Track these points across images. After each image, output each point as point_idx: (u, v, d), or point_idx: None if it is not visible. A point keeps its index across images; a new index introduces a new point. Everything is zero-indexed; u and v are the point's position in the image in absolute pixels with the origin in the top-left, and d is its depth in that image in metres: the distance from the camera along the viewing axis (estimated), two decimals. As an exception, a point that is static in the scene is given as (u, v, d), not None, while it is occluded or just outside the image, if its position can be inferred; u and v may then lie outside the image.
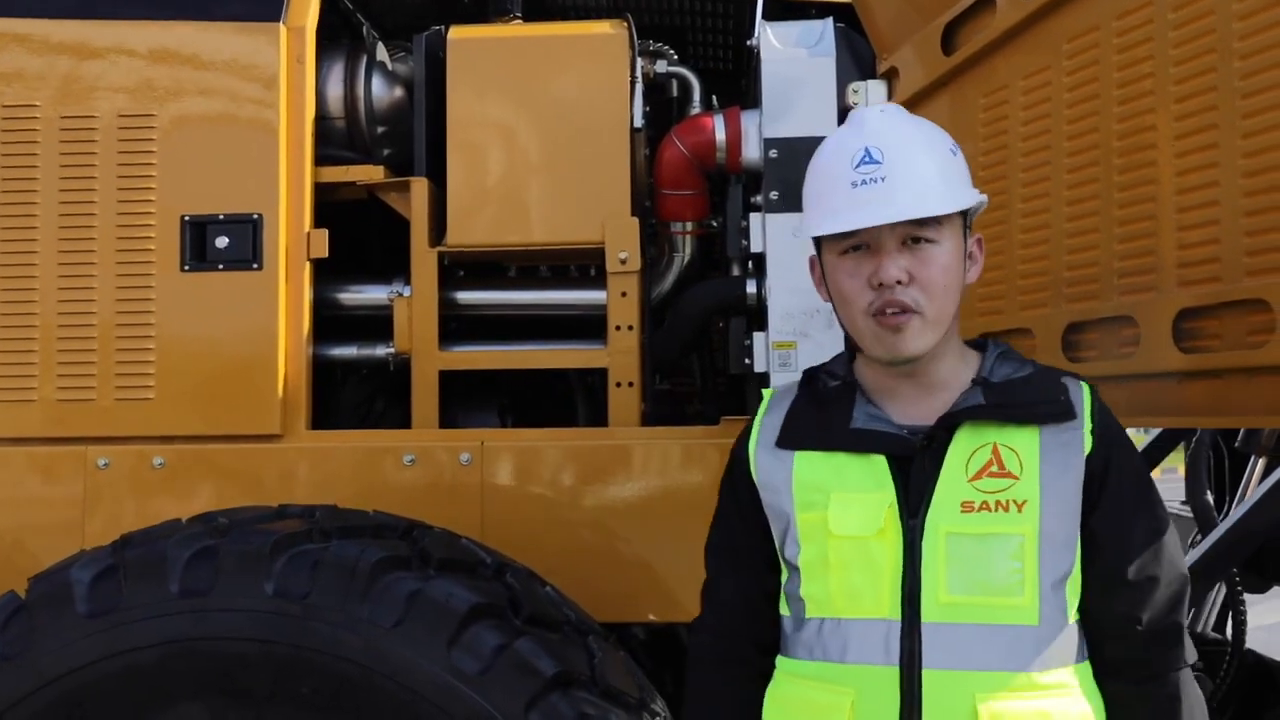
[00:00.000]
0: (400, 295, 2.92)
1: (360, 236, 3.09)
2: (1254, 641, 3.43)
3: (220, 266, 2.79)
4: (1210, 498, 3.37)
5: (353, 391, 3.14)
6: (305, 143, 2.86)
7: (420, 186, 2.89)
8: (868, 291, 1.65)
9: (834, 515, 1.63)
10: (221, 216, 2.80)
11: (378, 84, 3.02)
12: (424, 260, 2.88)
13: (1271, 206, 1.71)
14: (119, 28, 2.85)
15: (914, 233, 1.64)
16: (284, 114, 2.83)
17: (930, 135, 1.72)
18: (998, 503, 1.59)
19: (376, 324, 2.99)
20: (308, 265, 2.85)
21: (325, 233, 2.85)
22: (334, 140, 2.99)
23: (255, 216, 2.80)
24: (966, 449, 1.63)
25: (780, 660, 1.71)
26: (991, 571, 1.58)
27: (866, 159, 1.65)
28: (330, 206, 2.94)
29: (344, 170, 2.94)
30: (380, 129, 3.03)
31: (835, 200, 1.68)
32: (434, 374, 2.86)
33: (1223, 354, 1.78)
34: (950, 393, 1.68)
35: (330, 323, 2.96)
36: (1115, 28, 1.99)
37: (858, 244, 1.67)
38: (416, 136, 2.92)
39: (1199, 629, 3.43)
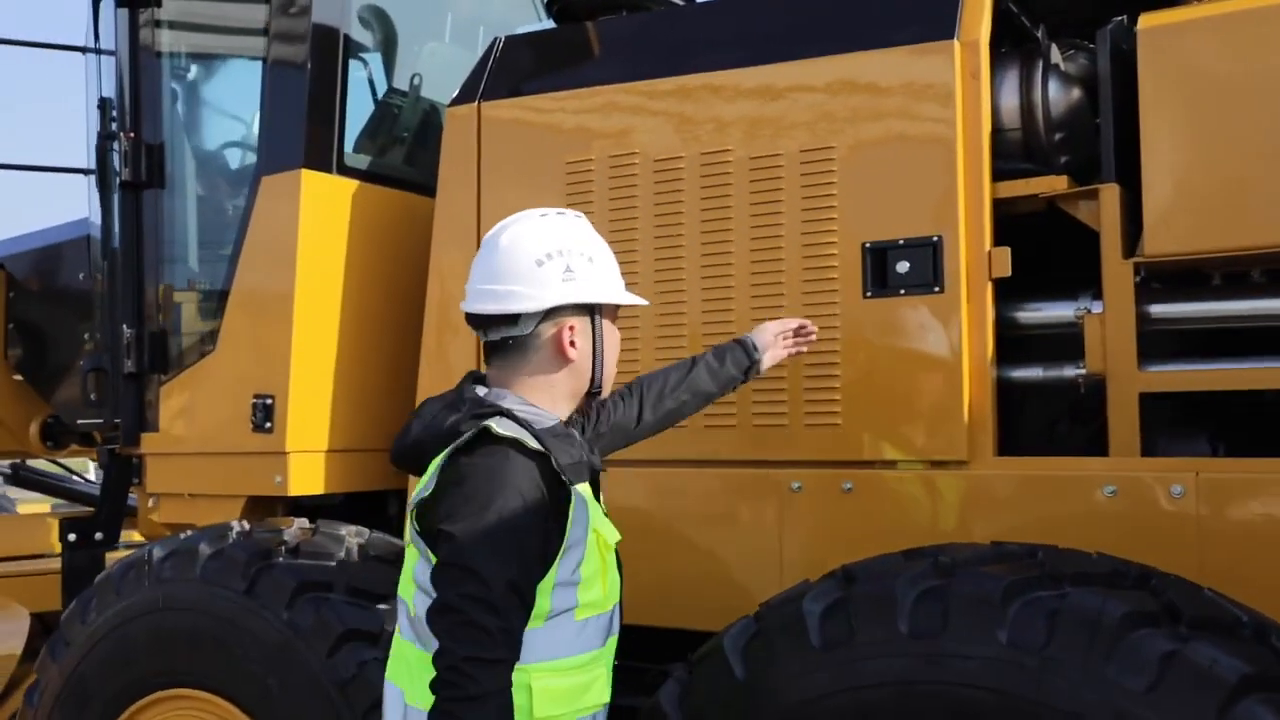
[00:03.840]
0: (1089, 312, 2.73)
1: (1033, 251, 2.94)
2: None
3: (902, 291, 2.78)
4: None
5: (1033, 414, 2.99)
6: (983, 158, 2.77)
7: (1110, 193, 2.68)
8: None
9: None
10: (901, 241, 2.79)
11: (1054, 88, 2.85)
12: (1117, 273, 2.66)
13: None
14: (798, 67, 2.95)
15: None
16: (961, 131, 2.77)
17: None
18: None
19: (1058, 343, 2.82)
20: (989, 285, 2.76)
21: (1007, 251, 2.73)
22: (1009, 152, 2.86)
23: (935, 239, 2.76)
24: None
25: None
26: None
27: None
28: (1002, 221, 2.82)
29: (1023, 183, 2.80)
30: (1058, 135, 2.85)
31: (619, 279, 2.23)
32: (1134, 396, 2.63)
33: None
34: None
35: (1007, 343, 2.84)
36: None
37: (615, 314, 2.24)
38: (1104, 139, 2.72)
39: None
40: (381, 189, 3.78)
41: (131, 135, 3.93)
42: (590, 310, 2.14)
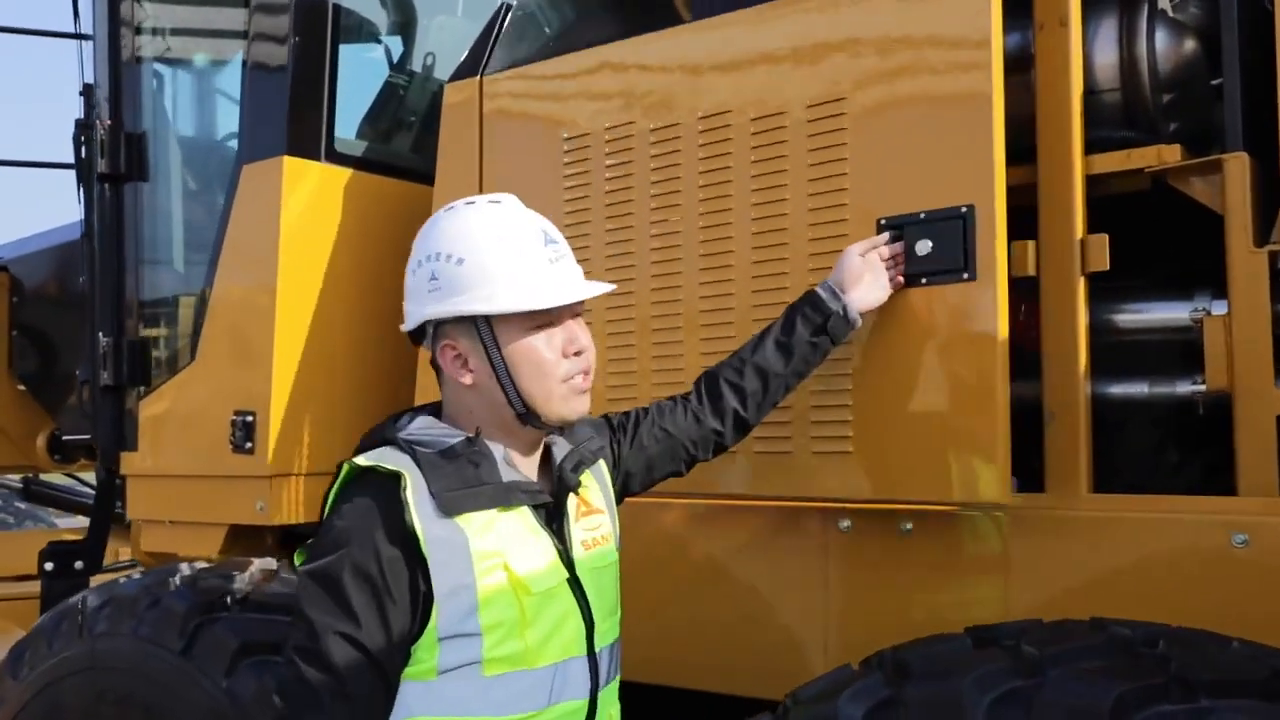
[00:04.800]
0: (1209, 313, 2.20)
1: (1133, 239, 2.40)
2: None
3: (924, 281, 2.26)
4: None
5: (1136, 441, 2.45)
6: (1072, 126, 2.25)
7: (1238, 165, 2.14)
8: (564, 361, 1.79)
9: None
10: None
11: (1162, 40, 2.32)
12: (1247, 264, 2.12)
13: None
14: (805, 6, 2.43)
15: (578, 308, 1.81)
16: (1043, 93, 2.25)
17: None
18: None
19: (1168, 352, 2.30)
20: (1082, 281, 2.23)
21: (1105, 239, 2.21)
22: (1106, 118, 2.34)
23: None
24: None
25: None
26: None
27: (550, 239, 1.80)
28: (1094, 204, 2.30)
29: (1124, 155, 2.27)
30: (1167, 97, 2.32)
31: (535, 278, 1.75)
32: (1270, 419, 2.09)
33: None
34: (559, 449, 1.89)
35: (1102, 351, 2.32)
36: None
37: (549, 320, 1.77)
38: (1228, 100, 2.19)
39: None
40: (379, 178, 3.36)
41: (110, 123, 3.55)
42: (475, 322, 1.75)
